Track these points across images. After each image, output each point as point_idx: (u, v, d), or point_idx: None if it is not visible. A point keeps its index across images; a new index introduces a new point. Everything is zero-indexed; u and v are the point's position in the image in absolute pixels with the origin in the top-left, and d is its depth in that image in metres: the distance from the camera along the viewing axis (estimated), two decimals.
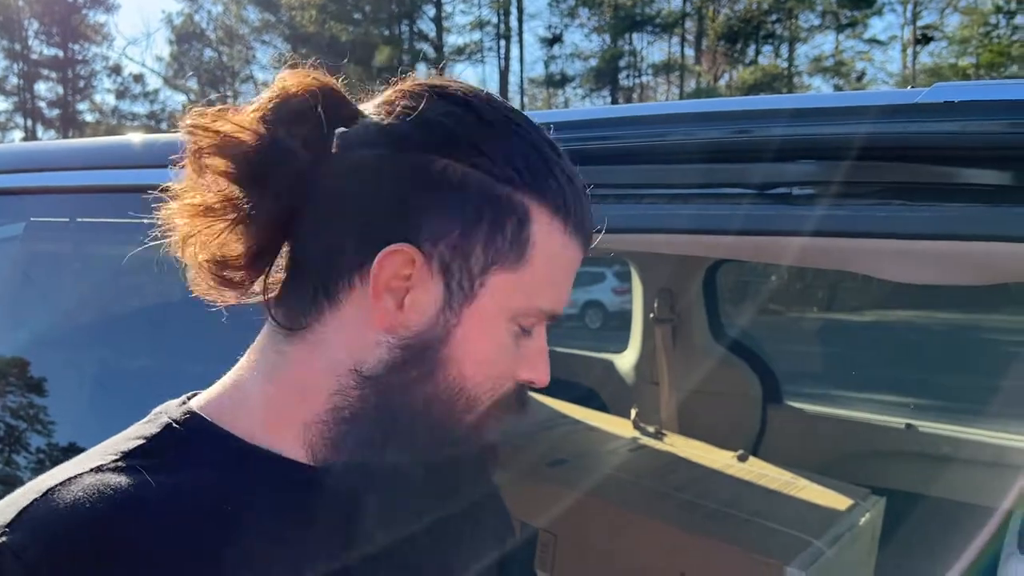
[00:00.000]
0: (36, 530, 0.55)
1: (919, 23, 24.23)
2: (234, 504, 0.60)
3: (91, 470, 0.59)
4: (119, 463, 0.60)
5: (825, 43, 27.32)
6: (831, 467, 2.12)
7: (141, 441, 0.62)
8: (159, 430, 0.63)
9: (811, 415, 2.38)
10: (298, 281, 0.64)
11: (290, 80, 0.62)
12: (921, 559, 1.99)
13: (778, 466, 1.96)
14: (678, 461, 1.94)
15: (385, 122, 0.62)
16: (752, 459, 2.01)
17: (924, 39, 24.04)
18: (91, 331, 1.59)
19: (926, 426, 2.20)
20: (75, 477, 0.58)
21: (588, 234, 0.67)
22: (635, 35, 28.71)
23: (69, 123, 30.70)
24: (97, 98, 34.70)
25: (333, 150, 0.61)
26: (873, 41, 25.99)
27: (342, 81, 0.66)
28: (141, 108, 32.05)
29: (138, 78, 32.54)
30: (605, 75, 28.92)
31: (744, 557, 1.46)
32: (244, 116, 0.61)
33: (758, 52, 27.58)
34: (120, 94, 32.25)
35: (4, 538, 0.54)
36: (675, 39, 28.73)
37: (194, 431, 0.63)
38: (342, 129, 0.62)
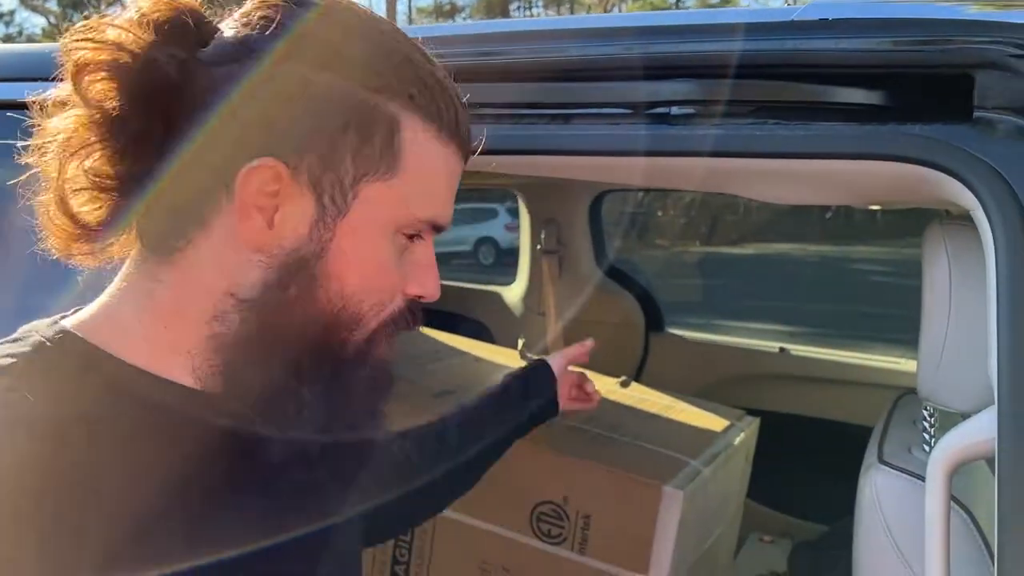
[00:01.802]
0: None
1: None
2: (121, 427, 0.58)
3: None
4: None
5: None
6: (709, 391, 2.20)
7: (11, 360, 0.57)
8: (30, 349, 0.59)
9: (691, 342, 2.45)
10: (165, 204, 0.60)
11: (144, 2, 0.59)
12: (792, 474, 2.10)
13: (659, 391, 2.01)
14: None
15: (241, 34, 0.60)
16: (634, 385, 2.05)
17: None
18: None
19: (798, 350, 2.29)
20: None
21: (466, 141, 0.66)
22: None
23: None
24: None
25: (197, 68, 0.59)
26: None
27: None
28: None
29: None
30: (496, 6, 28.43)
31: (625, 478, 1.49)
32: (123, 34, 0.58)
33: None
34: None
35: None
36: None
37: (72, 352, 0.60)
38: (206, 48, 0.60)
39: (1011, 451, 0.68)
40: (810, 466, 2.03)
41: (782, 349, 2.29)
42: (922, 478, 0.82)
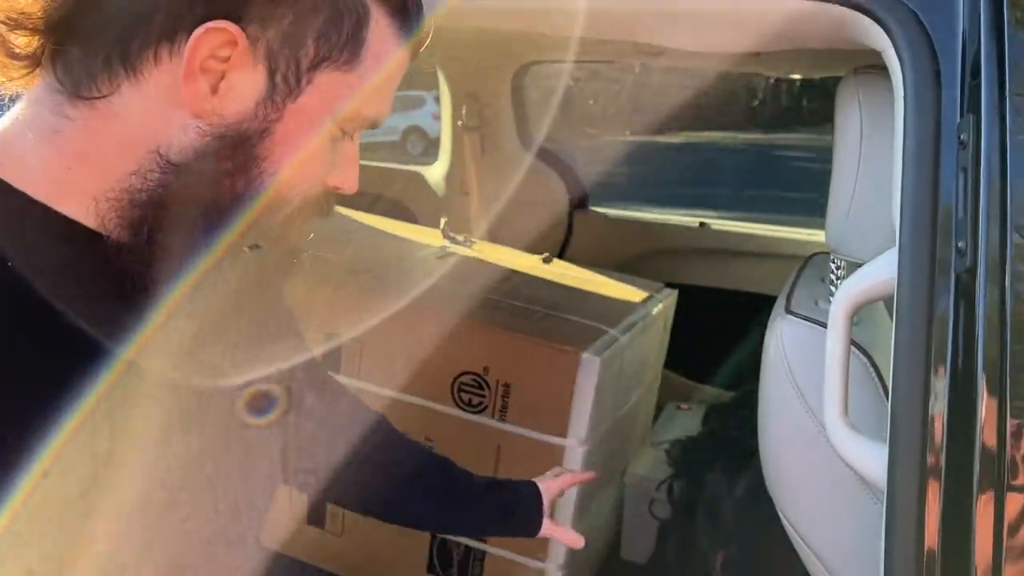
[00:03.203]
0: None
1: None
2: (12, 253, 0.55)
3: None
4: None
5: None
6: (631, 266, 2.22)
7: None
8: None
9: (614, 219, 2.45)
10: (92, 44, 0.56)
11: None
12: (710, 345, 2.15)
13: (582, 267, 2.01)
14: (485, 266, 1.94)
15: None
16: (556, 261, 2.05)
17: None
18: None
19: (718, 224, 2.32)
20: None
21: (417, 45, 0.66)
22: None
23: None
24: None
25: None
26: None
27: None
28: None
29: None
30: None
31: (543, 346, 1.50)
32: None
33: None
34: None
35: None
36: None
37: None
38: None
39: (909, 288, 0.69)
40: (728, 337, 2.08)
41: (702, 224, 2.31)
42: (826, 326, 0.83)
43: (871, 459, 0.74)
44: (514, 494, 1.05)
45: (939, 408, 0.68)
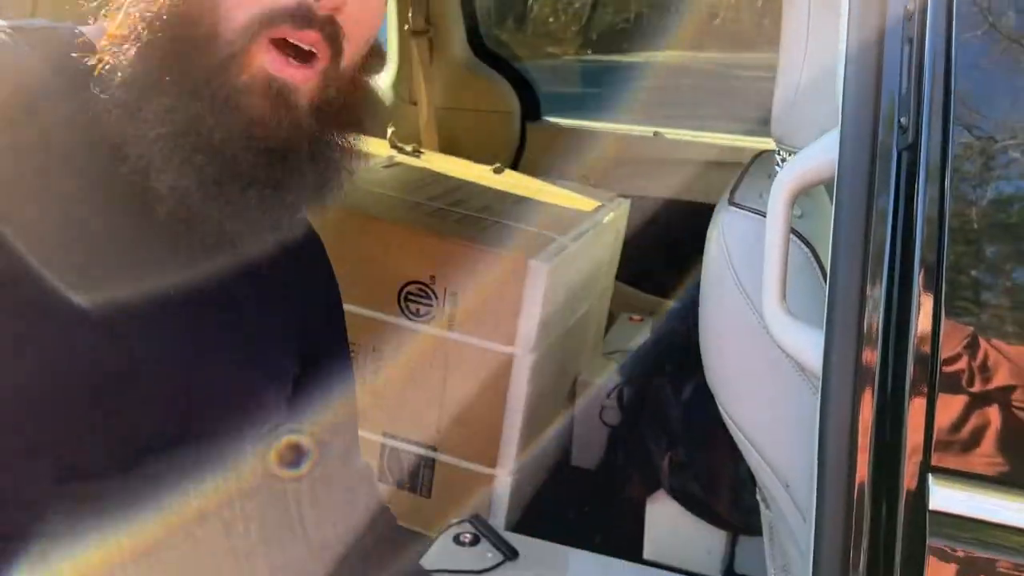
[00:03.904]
0: None
1: None
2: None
3: None
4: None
5: None
6: (584, 176, 2.18)
7: (29, 24, 0.66)
8: (45, 25, 0.67)
9: (567, 129, 2.40)
10: None
11: None
12: (664, 257, 2.14)
13: (534, 177, 1.98)
14: (433, 176, 1.89)
15: None
16: (508, 171, 2.00)
17: None
18: None
19: (672, 133, 2.28)
20: None
21: None
22: None
23: None
24: None
25: None
26: None
27: None
28: None
29: None
30: None
31: (490, 254, 1.47)
32: None
33: None
34: None
35: None
36: None
37: (76, 41, 0.66)
38: None
39: (850, 167, 0.66)
40: (682, 248, 2.06)
41: (656, 133, 2.27)
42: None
43: (808, 346, 0.72)
44: None
45: (875, 296, 0.66)
